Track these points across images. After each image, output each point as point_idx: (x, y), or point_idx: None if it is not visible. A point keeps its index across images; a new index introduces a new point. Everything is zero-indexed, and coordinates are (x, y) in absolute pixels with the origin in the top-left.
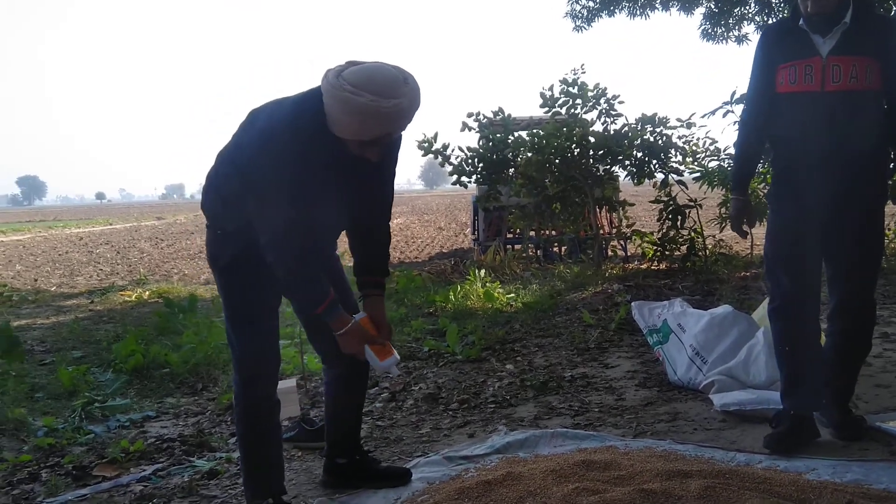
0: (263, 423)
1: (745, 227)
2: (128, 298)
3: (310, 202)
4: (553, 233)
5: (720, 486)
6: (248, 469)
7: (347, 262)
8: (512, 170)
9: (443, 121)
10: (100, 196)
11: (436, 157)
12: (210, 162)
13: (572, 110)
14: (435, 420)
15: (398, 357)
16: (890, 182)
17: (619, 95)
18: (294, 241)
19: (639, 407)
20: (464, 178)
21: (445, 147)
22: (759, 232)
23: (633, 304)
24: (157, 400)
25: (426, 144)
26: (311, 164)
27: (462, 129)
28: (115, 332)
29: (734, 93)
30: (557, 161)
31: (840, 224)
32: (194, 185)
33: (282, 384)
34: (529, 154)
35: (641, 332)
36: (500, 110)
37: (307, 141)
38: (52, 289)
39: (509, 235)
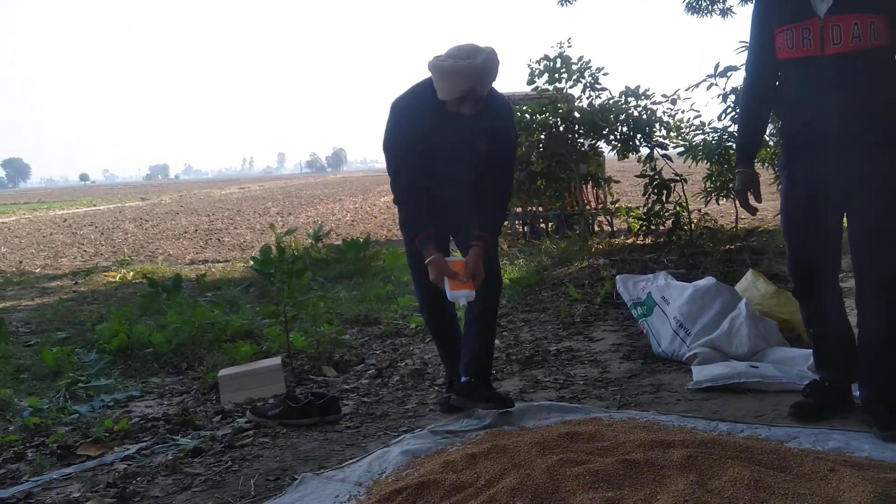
0: (447, 332)
1: (752, 202)
2: (112, 279)
3: (417, 152)
4: (540, 209)
5: (702, 455)
6: (442, 358)
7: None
8: None
9: None
10: (84, 177)
11: None
12: (191, 141)
13: (557, 84)
14: (421, 395)
15: (472, 294)
16: None
17: (603, 67)
18: (405, 182)
19: (623, 379)
20: None
21: None
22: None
23: (617, 277)
24: (142, 380)
25: None
26: (423, 123)
27: None
28: (99, 312)
29: (717, 66)
30: (542, 137)
31: (862, 197)
32: (179, 165)
33: (267, 362)
34: None
35: (626, 306)
36: None
37: (420, 105)
38: (37, 270)
39: None
